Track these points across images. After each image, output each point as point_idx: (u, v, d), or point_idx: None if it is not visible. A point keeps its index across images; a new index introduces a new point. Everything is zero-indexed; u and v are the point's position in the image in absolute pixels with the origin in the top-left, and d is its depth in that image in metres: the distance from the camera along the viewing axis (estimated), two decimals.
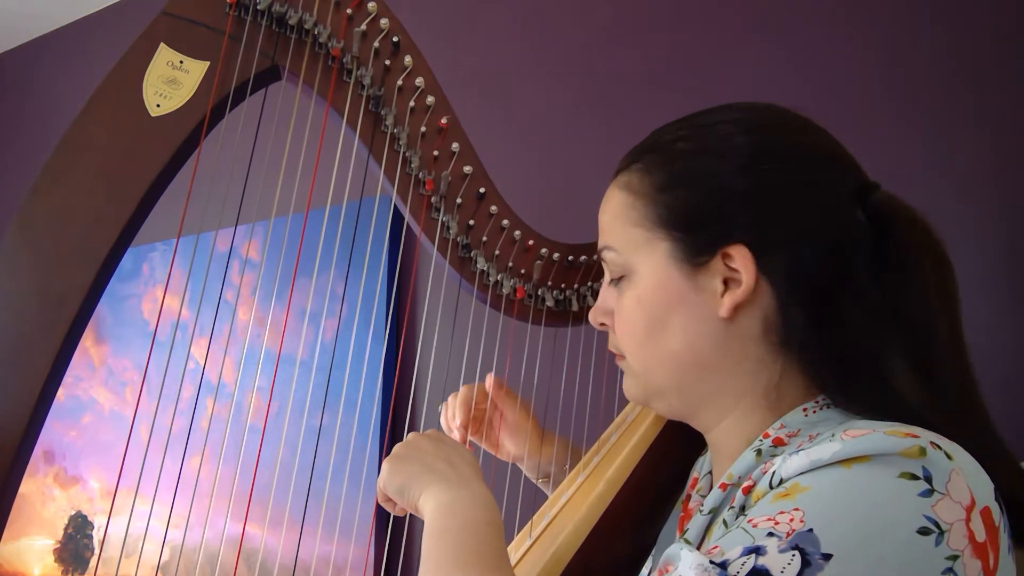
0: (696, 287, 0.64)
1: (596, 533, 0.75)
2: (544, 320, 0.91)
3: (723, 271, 0.63)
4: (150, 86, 0.75)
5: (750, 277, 0.62)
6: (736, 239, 0.62)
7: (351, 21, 0.83)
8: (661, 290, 0.65)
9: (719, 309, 0.63)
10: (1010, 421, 1.03)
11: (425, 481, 0.68)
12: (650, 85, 1.41)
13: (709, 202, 0.64)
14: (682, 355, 0.65)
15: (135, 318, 2.09)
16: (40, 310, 0.70)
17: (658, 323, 0.65)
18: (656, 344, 0.66)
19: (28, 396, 0.68)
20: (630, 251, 0.67)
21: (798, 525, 0.48)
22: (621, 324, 0.69)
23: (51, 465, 2.17)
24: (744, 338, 0.63)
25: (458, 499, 0.65)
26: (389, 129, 0.84)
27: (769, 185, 0.63)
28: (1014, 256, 1.07)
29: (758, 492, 0.55)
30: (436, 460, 0.70)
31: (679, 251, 0.64)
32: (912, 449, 0.50)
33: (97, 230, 0.72)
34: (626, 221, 0.68)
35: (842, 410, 0.60)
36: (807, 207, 0.63)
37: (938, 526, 0.48)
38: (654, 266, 0.66)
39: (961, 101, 1.13)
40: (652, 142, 0.70)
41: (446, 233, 0.87)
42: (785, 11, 1.29)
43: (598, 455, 0.87)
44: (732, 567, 0.47)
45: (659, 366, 0.67)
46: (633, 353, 0.68)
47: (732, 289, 0.63)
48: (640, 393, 0.71)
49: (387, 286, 1.57)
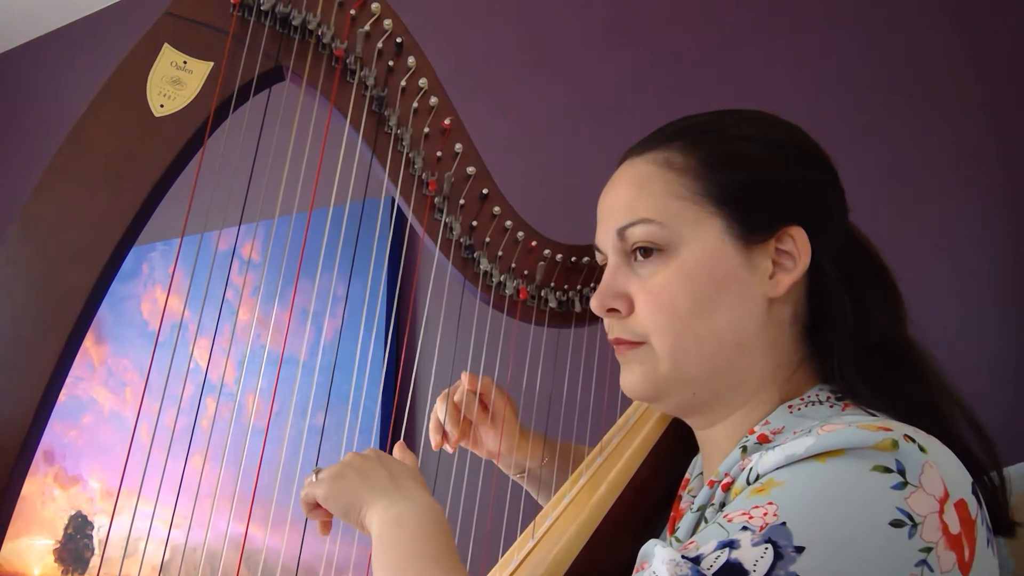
0: (749, 265, 0.64)
1: (598, 535, 0.75)
2: (547, 321, 0.91)
3: (773, 253, 0.64)
4: (154, 86, 0.75)
5: (807, 258, 0.63)
6: (793, 221, 0.64)
7: (355, 22, 0.83)
8: (714, 265, 0.64)
9: (769, 289, 0.64)
10: (1010, 421, 1.04)
11: (369, 498, 0.67)
12: (651, 86, 1.41)
13: (765, 183, 0.65)
14: (725, 335, 0.64)
15: (135, 318, 2.09)
16: (42, 311, 0.69)
17: (705, 300, 0.64)
18: (700, 323, 0.64)
19: (31, 397, 0.68)
20: (675, 225, 0.65)
21: (771, 519, 0.48)
22: (654, 303, 0.65)
23: (51, 465, 2.16)
24: (778, 324, 0.65)
25: (404, 511, 0.65)
26: (392, 130, 0.84)
27: (812, 177, 0.67)
28: (1017, 254, 1.07)
29: (736, 488, 0.56)
30: (377, 477, 0.69)
31: (735, 227, 0.64)
32: (885, 442, 0.50)
33: (100, 230, 0.72)
34: (669, 194, 0.66)
35: (829, 405, 0.61)
36: (836, 203, 0.68)
37: (911, 518, 0.48)
38: (706, 241, 0.64)
39: (963, 100, 1.13)
40: (689, 125, 0.70)
41: (449, 234, 0.87)
42: (786, 11, 1.29)
43: (600, 456, 0.87)
44: (706, 561, 0.48)
45: (697, 347, 0.64)
46: (666, 334, 0.65)
47: (784, 270, 0.64)
48: (658, 381, 0.67)
49: (389, 287, 1.57)
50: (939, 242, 0.62)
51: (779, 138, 0.68)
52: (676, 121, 0.71)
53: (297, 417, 1.59)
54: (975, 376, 0.64)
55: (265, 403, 1.67)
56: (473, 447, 0.99)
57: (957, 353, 0.65)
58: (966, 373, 0.64)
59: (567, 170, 1.46)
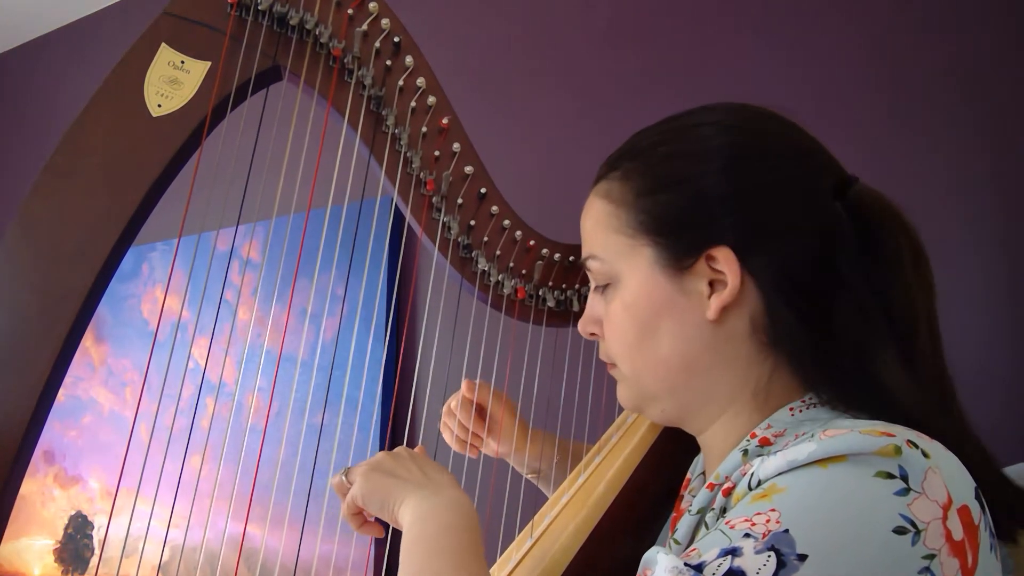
0: (682, 291, 0.64)
1: (597, 534, 0.75)
2: (545, 321, 0.91)
3: (708, 273, 0.63)
4: (151, 86, 0.75)
5: (735, 278, 0.62)
6: (719, 241, 0.63)
7: (352, 21, 0.83)
8: (648, 296, 0.65)
9: (707, 311, 0.63)
10: (1010, 421, 1.03)
11: (403, 493, 0.68)
12: (650, 85, 1.41)
13: (690, 205, 0.64)
14: (672, 360, 0.65)
15: (135, 318, 2.09)
16: (40, 311, 0.69)
17: (647, 329, 0.66)
18: (646, 350, 0.66)
19: (28, 397, 0.68)
20: (614, 259, 0.68)
21: (774, 526, 0.48)
22: (610, 332, 0.69)
23: (51, 465, 2.17)
24: (733, 339, 0.64)
25: (435, 506, 0.66)
26: (390, 129, 0.84)
27: (749, 185, 0.63)
28: (1011, 255, 1.07)
29: (737, 494, 0.55)
30: (409, 473, 0.71)
31: (663, 256, 0.65)
32: (887, 448, 0.50)
33: (98, 230, 0.72)
34: (608, 229, 0.68)
35: (829, 408, 0.61)
36: (788, 204, 0.63)
37: (914, 525, 0.48)
38: (639, 272, 0.66)
39: (958, 100, 1.13)
40: (629, 148, 0.70)
41: (447, 233, 0.87)
42: (783, 12, 1.29)
43: (599, 456, 0.87)
44: (708, 569, 0.47)
45: (650, 372, 0.67)
46: (624, 360, 0.69)
47: (718, 291, 0.63)
48: (633, 400, 0.71)
49: (387, 286, 1.57)
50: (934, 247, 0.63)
51: (694, 152, 0.65)
52: (623, 144, 0.71)
53: (296, 416, 1.59)
54: (969, 379, 0.63)
55: (264, 402, 1.67)
56: (483, 449, 1.00)
57: (951, 356, 0.64)
58: (960, 375, 0.64)
59: (565, 169, 1.46)
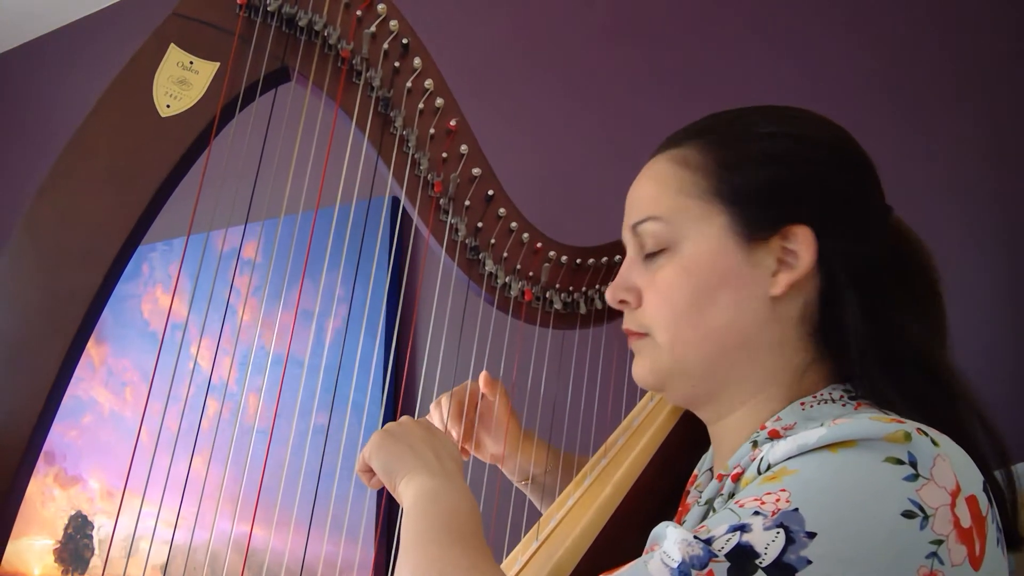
0: (750, 262, 0.64)
1: (603, 537, 0.74)
2: (552, 323, 0.91)
3: (779, 251, 0.64)
4: (160, 87, 0.75)
5: (810, 257, 0.63)
6: (801, 220, 0.63)
7: (361, 23, 0.83)
8: (712, 262, 0.65)
9: (770, 287, 0.63)
10: (1010, 421, 1.03)
11: (410, 465, 0.69)
12: (655, 87, 1.41)
13: (781, 181, 0.65)
14: (723, 331, 0.65)
15: (135, 318, 2.08)
16: (47, 312, 0.69)
17: (704, 295, 0.65)
18: (698, 318, 0.65)
19: (35, 399, 0.67)
20: (681, 221, 0.66)
21: (784, 504, 0.49)
22: (657, 297, 0.67)
23: (51, 465, 2.16)
24: (783, 322, 0.64)
25: (441, 488, 0.66)
26: (398, 131, 0.84)
27: (842, 180, 0.65)
28: (1013, 256, 1.07)
29: (746, 478, 0.56)
30: (424, 447, 0.70)
31: (738, 224, 0.64)
32: (897, 434, 0.50)
33: (105, 231, 0.71)
34: (679, 192, 0.67)
35: (841, 405, 0.61)
36: (863, 208, 0.66)
37: (923, 510, 0.48)
38: (708, 238, 0.65)
39: (962, 102, 1.13)
40: (712, 123, 0.70)
41: (454, 235, 0.87)
42: (786, 11, 1.29)
43: (605, 458, 0.86)
44: (717, 543, 0.48)
45: (697, 342, 0.66)
46: (666, 328, 0.67)
47: (788, 268, 0.63)
48: (659, 374, 0.69)
49: (392, 288, 1.57)
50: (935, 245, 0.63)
51: (799, 135, 0.67)
52: (701, 119, 0.71)
53: (300, 418, 1.59)
54: (971, 377, 0.63)
55: (267, 404, 1.66)
56: (476, 451, 0.99)
57: (953, 354, 0.65)
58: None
59: (572, 172, 1.45)
